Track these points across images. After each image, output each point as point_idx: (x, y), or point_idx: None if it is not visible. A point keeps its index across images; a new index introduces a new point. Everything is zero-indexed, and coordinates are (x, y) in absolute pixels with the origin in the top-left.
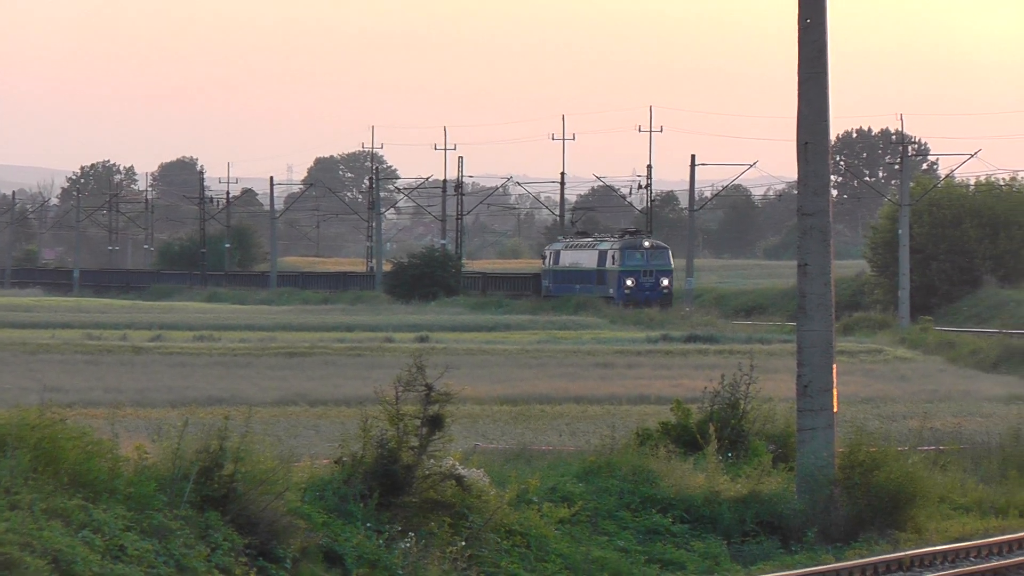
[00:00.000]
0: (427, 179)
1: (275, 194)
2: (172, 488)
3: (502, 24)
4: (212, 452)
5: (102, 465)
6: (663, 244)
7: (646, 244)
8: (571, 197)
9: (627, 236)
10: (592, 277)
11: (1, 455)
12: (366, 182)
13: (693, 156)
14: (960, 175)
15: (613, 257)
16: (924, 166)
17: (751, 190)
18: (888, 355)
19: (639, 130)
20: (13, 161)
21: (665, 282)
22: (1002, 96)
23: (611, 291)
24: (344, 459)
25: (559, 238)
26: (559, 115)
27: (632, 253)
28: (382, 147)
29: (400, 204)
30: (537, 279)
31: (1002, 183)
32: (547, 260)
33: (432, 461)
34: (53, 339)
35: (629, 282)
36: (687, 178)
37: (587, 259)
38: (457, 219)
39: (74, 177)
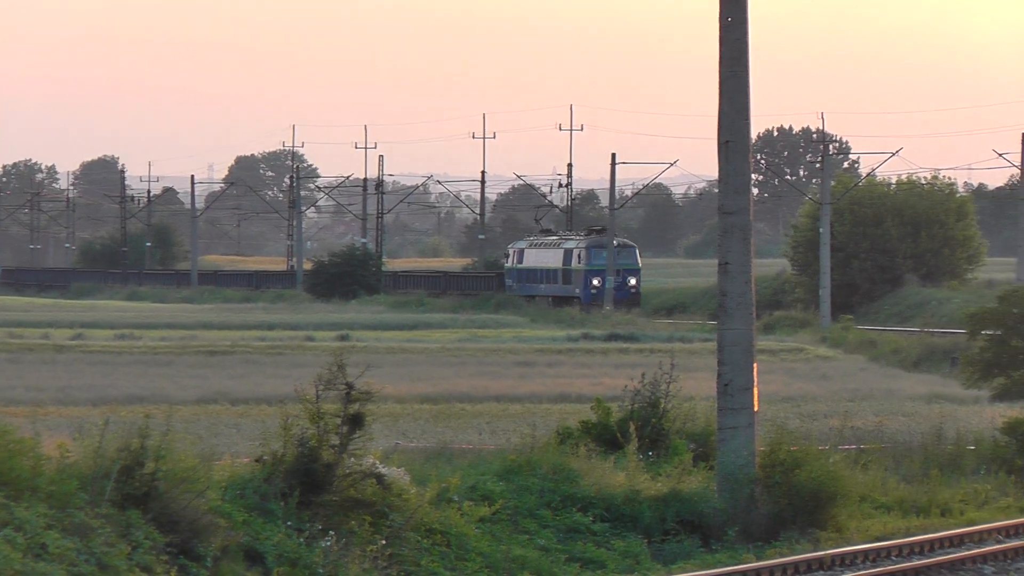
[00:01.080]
0: (348, 178)
1: (196, 193)
2: (94, 486)
3: (423, 23)
4: (133, 451)
5: (24, 463)
6: (630, 242)
7: (613, 243)
8: (492, 196)
9: (593, 234)
10: (557, 276)
11: None
12: (287, 181)
13: (614, 155)
14: (881, 174)
15: (579, 256)
16: (845, 165)
17: (672, 189)
18: (809, 354)
19: (560, 129)
20: None
21: (632, 281)
22: (924, 95)
23: (577, 291)
24: (265, 458)
25: (527, 236)
26: (480, 114)
27: (598, 252)
28: (303, 146)
29: (321, 203)
30: (496, 279)
31: (923, 182)
32: (510, 259)
33: (353, 460)
34: None
35: (596, 281)
36: (608, 176)
37: (552, 258)
38: (378, 218)
39: None
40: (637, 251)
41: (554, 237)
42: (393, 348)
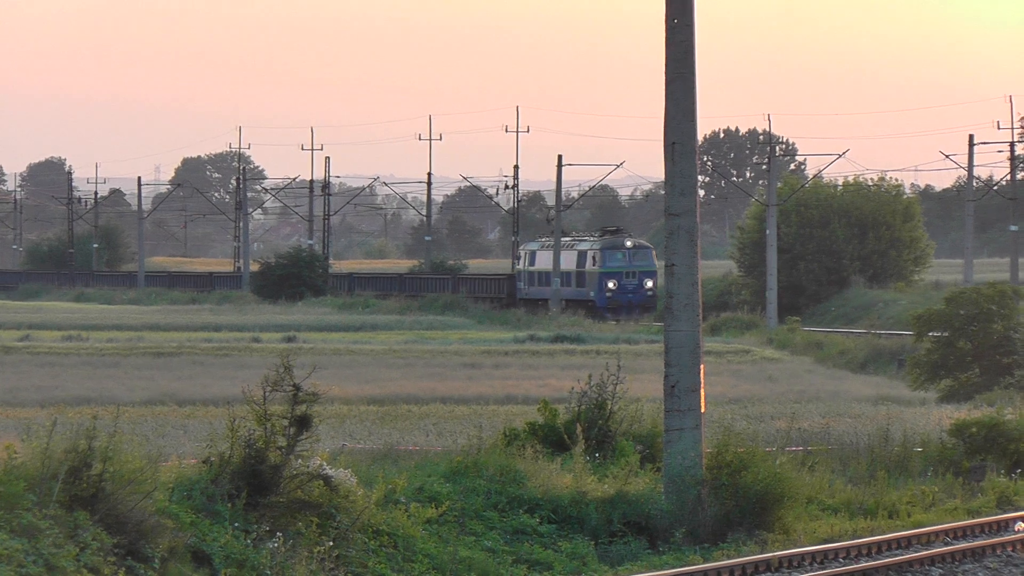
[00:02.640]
0: (294, 179)
1: (143, 194)
2: (41, 488)
3: (369, 24)
4: (81, 452)
5: None
6: (646, 243)
7: (628, 244)
8: (438, 197)
9: (607, 235)
10: (571, 279)
11: None
12: (233, 182)
13: (560, 156)
14: (828, 175)
15: (593, 258)
16: (792, 166)
17: (618, 190)
18: (756, 355)
19: (506, 130)
20: None
21: (649, 284)
22: (871, 97)
23: (591, 294)
24: (212, 459)
25: (537, 238)
26: (426, 115)
27: (613, 254)
28: (249, 147)
29: (267, 204)
30: (507, 281)
31: (870, 183)
32: (521, 261)
33: (299, 461)
34: None
35: (611, 284)
36: (554, 178)
37: (565, 260)
38: (324, 219)
39: None
40: (653, 252)
41: (567, 238)
42: (339, 349)
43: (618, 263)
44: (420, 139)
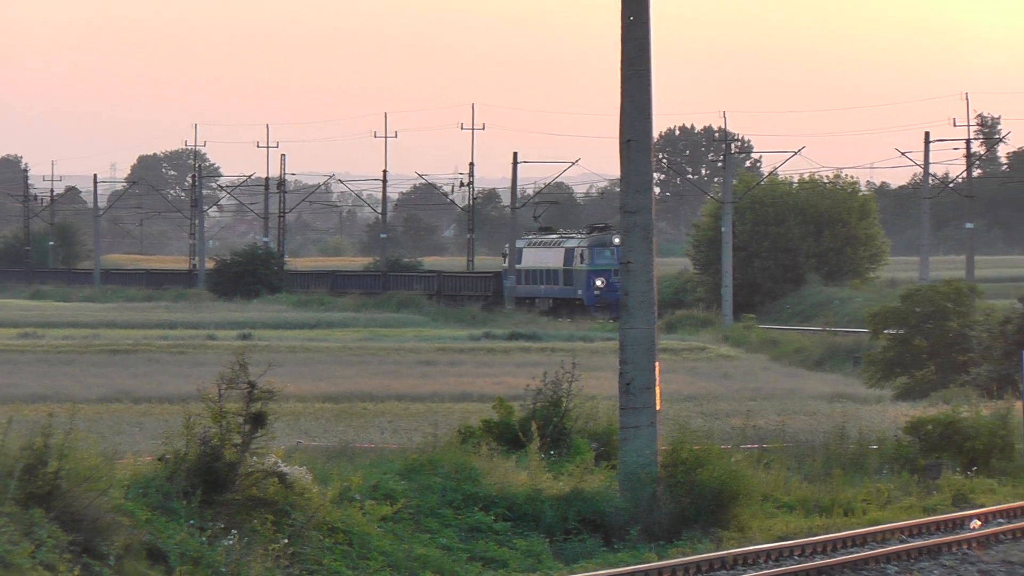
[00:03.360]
0: (250, 177)
1: (99, 192)
2: None
3: (325, 21)
4: (36, 449)
5: None
6: None
7: (617, 240)
8: (393, 195)
9: (595, 232)
10: (558, 277)
11: None
12: (189, 180)
13: (515, 154)
14: (784, 172)
15: (581, 255)
16: (747, 164)
17: (573, 188)
18: (711, 353)
19: (462, 128)
20: None
21: None
22: (826, 94)
23: (579, 292)
24: (167, 456)
25: (525, 234)
26: (382, 113)
27: (602, 251)
28: (205, 145)
29: (223, 202)
30: (494, 279)
31: (826, 181)
32: (509, 258)
33: (255, 459)
34: None
35: (599, 282)
36: (509, 176)
37: (552, 258)
38: (279, 217)
39: None
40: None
41: (554, 236)
42: (295, 347)
43: (606, 260)
44: (376, 136)
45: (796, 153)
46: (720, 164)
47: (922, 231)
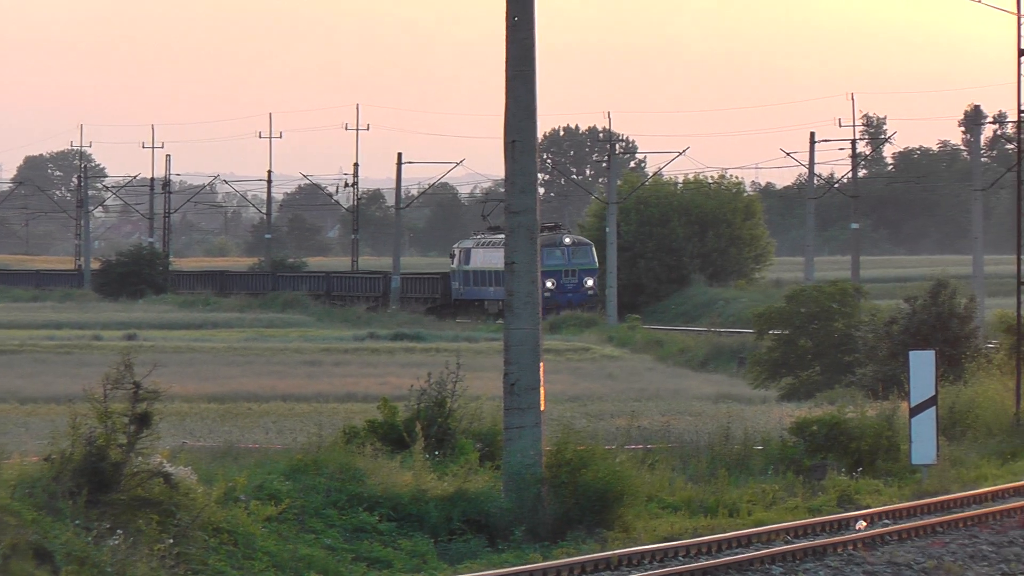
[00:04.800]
0: (135, 177)
1: None
2: None
3: (209, 20)
4: None
5: None
6: (585, 240)
7: (567, 241)
8: (278, 195)
9: (545, 231)
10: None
11: None
12: (75, 180)
13: (400, 154)
14: (668, 173)
15: None
16: (632, 164)
17: (458, 188)
18: (596, 353)
19: (346, 128)
20: None
21: (590, 282)
22: (711, 94)
23: None
24: (53, 456)
25: (473, 234)
26: (267, 113)
27: (551, 251)
28: (91, 145)
29: (108, 202)
30: (442, 281)
31: (710, 181)
32: (456, 259)
33: (140, 459)
34: None
35: (549, 284)
36: (394, 176)
37: (501, 258)
38: (164, 217)
39: None
40: (593, 249)
41: (502, 235)
42: (180, 347)
43: (556, 261)
44: (260, 137)
45: (681, 153)
46: (605, 164)
47: (807, 231)
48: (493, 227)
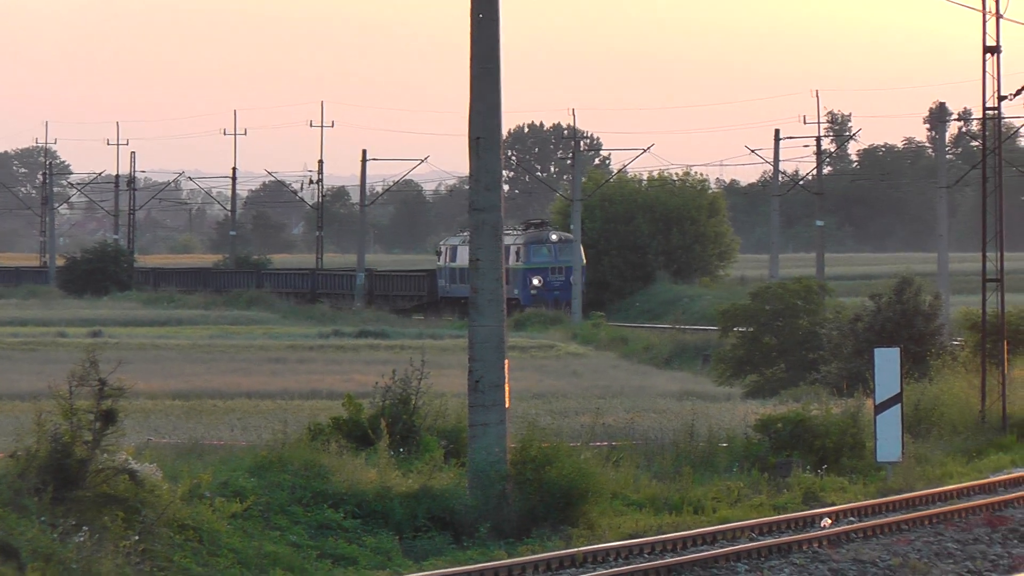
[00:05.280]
0: (100, 174)
1: None
2: None
3: (173, 17)
4: None
5: None
6: (572, 237)
7: (553, 237)
8: (243, 192)
9: (531, 228)
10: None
11: None
12: (39, 177)
13: (364, 151)
14: (633, 170)
15: (517, 253)
16: (596, 161)
17: (422, 185)
18: (560, 351)
19: (311, 125)
20: None
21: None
22: (675, 91)
23: (515, 291)
24: (18, 453)
25: (460, 232)
26: (231, 110)
27: (538, 248)
28: (55, 142)
29: (73, 199)
30: (428, 278)
31: (675, 178)
32: (442, 256)
33: (105, 456)
34: None
35: (535, 281)
36: (359, 173)
37: None
38: (129, 214)
39: None
40: (580, 246)
41: None
42: (145, 344)
43: (543, 258)
44: (225, 134)
45: (645, 151)
46: (569, 162)
47: (772, 229)
48: None
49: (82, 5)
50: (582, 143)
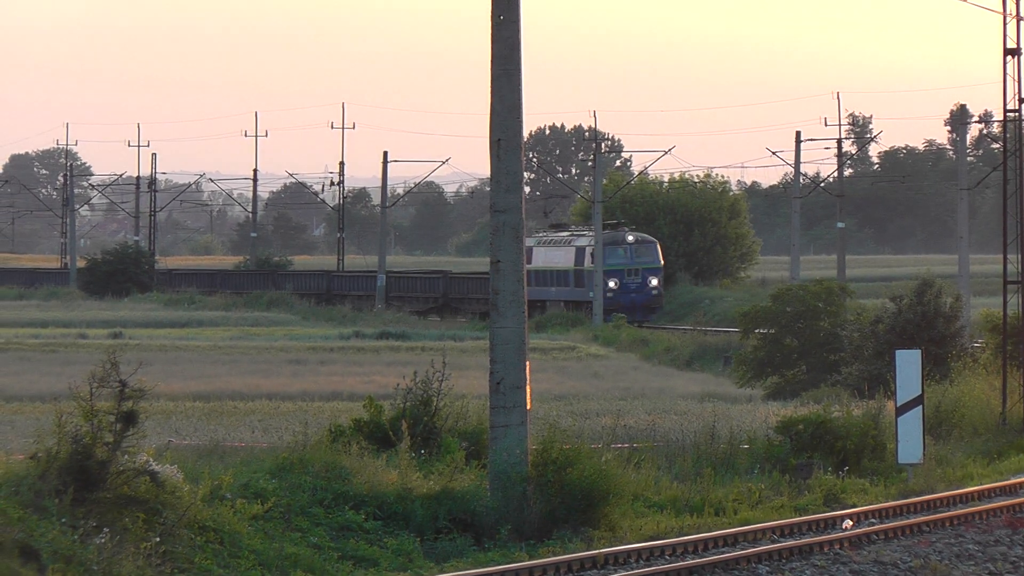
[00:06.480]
0: (121, 176)
1: None
2: None
3: (195, 20)
4: None
5: None
6: (650, 238)
7: (630, 238)
8: (264, 194)
9: (607, 229)
10: (568, 279)
11: None
12: (61, 179)
13: (385, 153)
14: (654, 172)
15: (592, 255)
16: (617, 163)
17: (443, 187)
18: (581, 352)
19: (332, 127)
20: None
21: (654, 282)
22: (697, 93)
23: (591, 295)
24: (39, 455)
25: (536, 232)
26: (252, 112)
27: (613, 249)
28: (76, 144)
29: (94, 201)
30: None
31: (696, 180)
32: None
33: (126, 457)
34: None
35: (611, 284)
36: (380, 175)
37: (562, 257)
38: (150, 216)
39: None
40: (658, 247)
41: (565, 233)
42: (166, 346)
43: (618, 260)
44: (246, 135)
45: (666, 152)
46: (590, 164)
47: (792, 230)
48: (556, 224)
49: (103, 8)
50: (603, 145)
